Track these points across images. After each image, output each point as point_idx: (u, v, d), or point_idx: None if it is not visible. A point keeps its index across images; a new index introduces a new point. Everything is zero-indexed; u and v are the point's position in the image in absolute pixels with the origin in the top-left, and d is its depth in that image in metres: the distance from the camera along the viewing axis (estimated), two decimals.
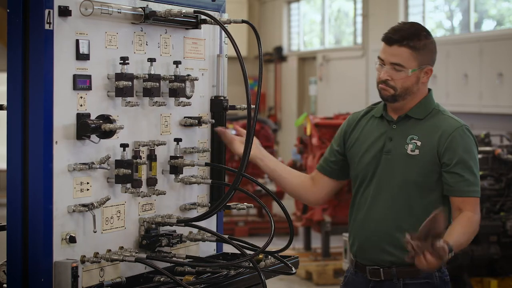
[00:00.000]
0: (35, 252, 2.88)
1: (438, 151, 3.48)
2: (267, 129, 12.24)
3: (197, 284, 3.17)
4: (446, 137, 3.48)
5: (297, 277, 9.07)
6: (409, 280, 3.50)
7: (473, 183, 3.46)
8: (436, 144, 3.48)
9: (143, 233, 3.27)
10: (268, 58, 17.22)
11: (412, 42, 3.47)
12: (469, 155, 3.48)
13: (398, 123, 3.57)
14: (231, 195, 3.25)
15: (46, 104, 2.88)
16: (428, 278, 3.51)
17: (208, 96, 3.62)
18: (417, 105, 3.56)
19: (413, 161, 3.50)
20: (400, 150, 3.52)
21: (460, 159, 3.45)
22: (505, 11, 11.81)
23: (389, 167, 3.54)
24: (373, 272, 3.56)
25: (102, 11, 2.99)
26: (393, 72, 3.48)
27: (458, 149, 3.46)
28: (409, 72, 3.48)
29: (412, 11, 12.80)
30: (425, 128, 3.53)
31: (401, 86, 3.50)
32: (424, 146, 3.49)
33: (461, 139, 3.48)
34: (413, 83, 3.51)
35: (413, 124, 3.55)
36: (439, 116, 3.56)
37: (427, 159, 3.48)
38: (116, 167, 3.10)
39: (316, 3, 16.75)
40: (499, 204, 7.34)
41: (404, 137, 3.53)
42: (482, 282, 7.43)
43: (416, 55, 3.48)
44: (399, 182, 3.51)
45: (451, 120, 3.54)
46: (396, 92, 3.50)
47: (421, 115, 3.55)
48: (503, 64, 10.13)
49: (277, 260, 3.47)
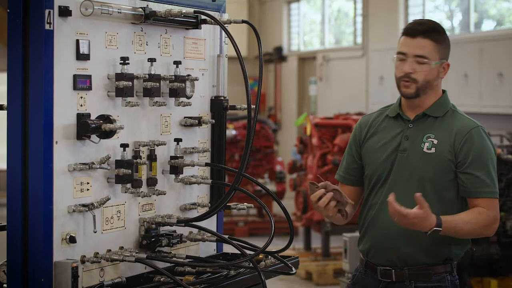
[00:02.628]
0: (35, 252, 2.88)
1: (454, 150, 3.46)
2: (267, 129, 12.24)
3: (197, 284, 3.17)
4: (462, 136, 3.47)
5: (297, 277, 9.07)
6: (421, 283, 3.48)
7: (488, 184, 3.43)
8: (452, 142, 3.47)
9: (143, 233, 3.28)
10: (268, 58, 17.22)
11: (435, 35, 3.51)
12: (485, 155, 3.46)
13: (415, 122, 3.56)
14: (231, 195, 3.25)
15: (46, 104, 2.88)
16: (440, 281, 3.49)
17: (208, 96, 3.62)
18: (434, 104, 3.56)
19: (429, 159, 3.48)
20: (416, 149, 3.51)
21: (474, 159, 3.44)
22: (505, 11, 11.81)
23: (405, 165, 3.52)
24: (384, 273, 3.54)
25: (102, 11, 2.99)
26: (416, 65, 3.49)
27: (473, 148, 3.45)
28: (433, 64, 3.49)
29: (412, 11, 12.80)
30: (442, 127, 3.52)
31: (424, 79, 3.50)
32: (441, 144, 3.48)
33: (477, 139, 3.47)
34: (434, 77, 3.52)
35: (430, 123, 3.54)
36: (456, 116, 3.56)
37: (444, 157, 3.47)
38: (116, 167, 3.11)
39: (316, 3, 16.75)
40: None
41: (421, 135, 3.52)
42: (482, 282, 7.43)
43: (439, 48, 3.51)
44: (415, 180, 3.49)
45: (468, 120, 3.54)
46: (417, 85, 3.49)
47: (439, 113, 3.55)
48: (503, 64, 10.13)
49: (277, 260, 3.47)
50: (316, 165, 9.58)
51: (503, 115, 10.12)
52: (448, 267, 3.51)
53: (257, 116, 3.25)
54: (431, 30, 3.50)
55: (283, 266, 3.46)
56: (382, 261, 3.56)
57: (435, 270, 3.49)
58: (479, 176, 3.43)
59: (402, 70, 3.50)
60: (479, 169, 3.44)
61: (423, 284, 3.48)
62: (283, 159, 12.92)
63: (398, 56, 3.52)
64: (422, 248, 3.48)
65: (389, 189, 3.52)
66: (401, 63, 3.51)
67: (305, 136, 10.22)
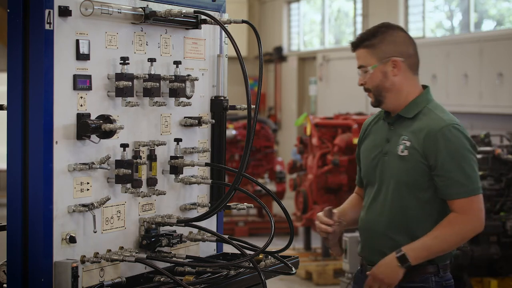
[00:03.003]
0: (35, 252, 2.88)
1: (424, 153, 3.45)
2: (267, 129, 12.24)
3: (197, 284, 3.17)
4: (430, 139, 3.44)
5: (297, 277, 9.07)
6: (404, 283, 3.49)
7: (463, 183, 3.41)
8: (421, 145, 3.46)
9: (143, 233, 3.27)
10: (268, 58, 17.21)
11: (367, 41, 3.55)
12: (456, 154, 3.42)
13: (393, 124, 3.58)
14: (231, 195, 3.25)
15: (46, 104, 2.88)
16: (424, 282, 3.49)
17: (208, 96, 3.62)
18: (408, 104, 3.56)
19: (403, 162, 3.49)
20: (394, 151, 3.53)
21: (445, 160, 3.41)
22: (505, 11, 11.81)
23: (385, 168, 3.55)
24: None
25: (102, 11, 2.99)
26: (363, 75, 3.57)
27: (442, 150, 3.42)
28: (370, 69, 3.54)
29: (412, 11, 12.80)
30: (414, 127, 3.51)
31: (372, 86, 3.56)
32: (413, 146, 3.48)
33: (446, 140, 3.43)
34: (380, 79, 3.54)
35: (405, 124, 3.55)
36: (428, 115, 3.53)
37: (416, 159, 3.46)
38: (116, 167, 3.10)
39: (316, 3, 16.75)
40: (499, 204, 7.34)
41: (398, 137, 3.54)
42: (482, 282, 7.42)
43: (373, 52, 3.54)
44: (393, 183, 3.51)
45: (438, 120, 3.49)
46: (374, 93, 3.56)
47: (410, 114, 3.54)
48: (503, 64, 10.12)
49: (277, 260, 3.47)
50: (316, 165, 9.58)
51: (503, 115, 10.11)
52: (434, 268, 3.50)
53: (257, 116, 3.25)
54: (362, 39, 3.57)
55: (283, 266, 3.46)
56: (370, 261, 3.60)
57: (419, 271, 3.49)
58: (452, 177, 3.41)
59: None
60: (451, 170, 3.41)
61: (406, 284, 3.49)
62: (283, 159, 12.92)
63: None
64: None
65: (375, 192, 3.58)
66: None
67: (305, 136, 10.22)
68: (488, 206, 7.30)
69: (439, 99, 3.71)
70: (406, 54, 3.55)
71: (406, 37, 3.58)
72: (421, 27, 12.60)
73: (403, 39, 3.57)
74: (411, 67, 3.57)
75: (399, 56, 3.54)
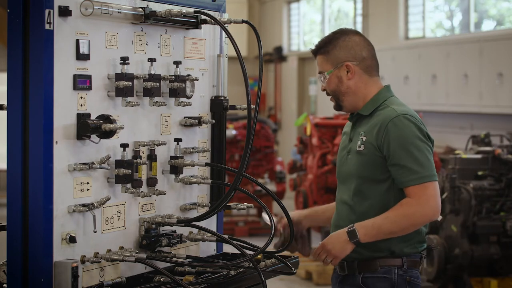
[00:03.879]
0: (35, 252, 2.88)
1: (378, 145, 3.53)
2: (267, 129, 12.24)
3: (197, 284, 3.17)
4: (382, 130, 3.51)
5: (297, 277, 9.06)
6: (368, 273, 3.56)
7: (415, 170, 3.46)
8: (375, 137, 3.53)
9: (143, 233, 3.28)
10: (268, 58, 17.21)
11: (322, 49, 3.65)
12: (406, 142, 3.48)
13: (355, 123, 3.68)
14: (231, 195, 3.25)
15: (46, 104, 2.88)
16: (386, 273, 3.55)
17: (208, 96, 3.62)
18: (367, 103, 3.64)
19: (360, 157, 3.57)
20: (354, 149, 3.62)
21: (396, 149, 3.48)
22: (505, 11, 11.81)
23: (348, 166, 3.64)
24: (340, 266, 3.64)
25: (102, 11, 2.99)
26: (323, 81, 3.66)
27: (392, 139, 3.49)
28: (326, 74, 3.62)
29: (412, 11, 12.80)
30: (370, 123, 3.60)
31: (330, 90, 3.65)
32: (368, 141, 3.56)
33: (396, 129, 3.49)
34: (336, 84, 3.63)
35: (364, 122, 3.63)
36: (384, 109, 3.60)
37: (371, 153, 3.54)
38: (116, 167, 3.11)
39: (316, 3, 16.75)
40: (499, 204, 7.34)
41: (358, 135, 3.63)
42: (482, 282, 7.43)
43: (328, 58, 3.63)
44: (353, 179, 3.59)
45: (391, 112, 3.55)
46: (334, 98, 3.66)
47: (367, 111, 3.62)
48: (503, 64, 10.12)
49: (277, 260, 3.48)
50: (316, 165, 9.58)
51: (503, 115, 10.11)
52: (397, 261, 3.55)
53: (257, 116, 3.25)
54: (318, 48, 3.66)
55: (283, 266, 3.46)
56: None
57: (382, 262, 3.55)
58: (404, 165, 3.47)
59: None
60: (402, 158, 3.47)
61: (369, 275, 3.56)
62: (283, 159, 12.92)
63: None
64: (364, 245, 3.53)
65: (339, 190, 3.70)
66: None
67: (305, 136, 10.22)
68: (488, 206, 7.31)
69: (439, 99, 3.72)
70: (360, 57, 3.63)
71: (360, 41, 3.65)
72: (421, 27, 12.60)
73: (356, 43, 3.64)
74: (366, 70, 3.64)
75: (353, 60, 3.62)
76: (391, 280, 3.55)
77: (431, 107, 11.17)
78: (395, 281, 3.55)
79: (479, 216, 7.24)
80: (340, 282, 3.65)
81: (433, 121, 10.60)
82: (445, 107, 10.92)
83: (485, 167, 7.54)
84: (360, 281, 3.56)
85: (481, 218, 7.24)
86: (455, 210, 7.30)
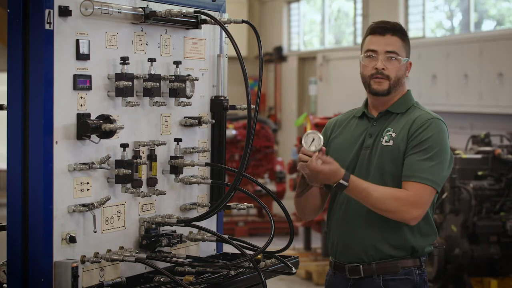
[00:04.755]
0: (35, 252, 2.88)
1: (408, 137, 3.50)
2: (267, 129, 12.24)
3: (197, 284, 3.17)
4: (419, 124, 3.50)
5: (297, 277, 9.07)
6: (389, 276, 3.50)
7: (427, 170, 3.43)
8: (407, 132, 3.51)
9: (143, 233, 3.28)
10: (268, 58, 17.21)
11: (401, 33, 3.59)
12: (437, 145, 3.46)
13: (378, 119, 3.62)
14: (231, 195, 3.25)
15: (46, 104, 2.88)
16: (408, 274, 3.51)
17: (208, 96, 3.62)
18: (398, 101, 3.61)
19: (387, 152, 3.51)
20: (377, 144, 3.56)
21: (424, 144, 3.45)
22: (505, 11, 11.81)
23: (367, 161, 3.56)
24: (352, 270, 3.55)
25: (102, 11, 2.99)
26: (388, 61, 3.55)
27: (427, 135, 3.47)
28: (403, 60, 3.56)
29: (412, 11, 12.80)
30: (402, 120, 3.57)
31: (395, 75, 3.56)
32: (398, 136, 3.52)
33: (434, 128, 3.49)
34: (403, 73, 3.59)
35: (391, 119, 3.60)
36: (416, 111, 3.60)
37: (400, 148, 3.50)
38: (116, 167, 3.11)
39: (316, 3, 16.75)
40: (499, 204, 7.34)
41: (382, 131, 3.58)
42: (482, 282, 7.43)
43: (405, 46, 3.59)
44: (376, 174, 3.51)
45: (426, 113, 3.57)
46: (390, 81, 3.55)
47: (402, 109, 3.60)
48: (503, 64, 10.12)
49: (277, 260, 3.47)
50: None
51: (503, 115, 10.11)
52: (417, 261, 3.53)
53: (257, 116, 3.25)
54: (397, 29, 3.59)
55: (283, 266, 3.46)
56: (350, 258, 3.57)
57: (403, 264, 3.51)
58: (421, 160, 3.44)
59: (373, 67, 3.55)
60: (424, 154, 3.44)
61: (391, 277, 3.50)
62: (283, 159, 12.91)
63: (367, 53, 3.57)
64: (388, 242, 3.50)
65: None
66: (370, 61, 3.56)
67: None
68: (488, 206, 7.31)
69: (439, 99, 3.73)
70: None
71: None
72: (421, 27, 12.59)
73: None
74: None
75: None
76: (413, 282, 3.51)
77: (431, 107, 11.07)
78: (417, 282, 3.52)
79: (479, 216, 7.25)
80: (352, 287, 3.56)
81: None
82: (445, 107, 10.91)
83: (485, 167, 7.54)
84: (382, 284, 3.49)
85: (481, 218, 7.25)
86: (455, 210, 7.31)
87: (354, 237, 3.55)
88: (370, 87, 3.58)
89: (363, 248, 3.53)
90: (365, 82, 3.59)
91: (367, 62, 3.56)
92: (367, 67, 3.56)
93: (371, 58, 3.55)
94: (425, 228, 3.53)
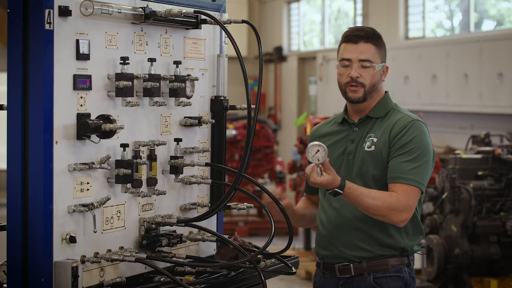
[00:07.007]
0: (35, 252, 2.88)
1: (389, 140, 3.53)
2: (267, 129, 12.25)
3: (197, 284, 3.17)
4: (400, 127, 3.54)
5: (297, 277, 9.07)
6: (379, 274, 3.54)
7: (412, 171, 3.46)
8: (388, 136, 3.54)
9: (143, 233, 3.28)
10: (268, 58, 17.21)
11: (375, 39, 3.61)
12: (419, 146, 3.50)
13: (359, 125, 3.65)
14: (231, 195, 3.25)
15: (46, 104, 2.88)
16: (398, 272, 3.56)
17: (208, 96, 3.62)
18: (376, 105, 3.65)
19: (369, 157, 3.55)
20: (359, 149, 3.59)
21: (406, 146, 3.49)
22: (505, 11, 11.81)
23: (350, 167, 3.59)
24: (342, 269, 3.58)
25: (102, 11, 2.99)
26: (362, 69, 3.58)
27: (408, 137, 3.50)
28: (376, 67, 3.58)
29: (412, 11, 12.79)
30: (382, 125, 3.60)
31: (370, 82, 3.59)
32: (379, 141, 3.55)
33: (415, 130, 3.52)
34: (378, 79, 3.62)
35: (372, 124, 3.63)
36: (396, 114, 3.62)
37: (382, 152, 3.53)
38: (116, 167, 3.11)
39: (316, 3, 16.75)
40: (499, 204, 7.35)
41: (364, 136, 3.61)
42: (482, 282, 7.43)
43: (379, 52, 3.62)
44: (359, 179, 3.55)
45: (405, 116, 3.60)
46: (365, 89, 3.59)
47: (381, 113, 3.63)
48: (503, 64, 10.12)
49: (277, 260, 3.47)
50: None
51: (503, 115, 10.11)
52: (405, 260, 3.57)
53: (257, 116, 3.25)
54: (370, 35, 3.61)
55: (283, 266, 3.46)
56: (340, 258, 3.60)
57: (393, 262, 3.55)
58: (405, 162, 3.48)
59: (348, 75, 3.59)
60: (408, 156, 3.48)
61: (381, 275, 3.54)
62: (283, 159, 12.92)
63: (342, 62, 3.61)
64: (377, 242, 3.54)
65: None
66: (345, 69, 3.61)
67: (305, 136, 10.22)
68: (488, 206, 7.31)
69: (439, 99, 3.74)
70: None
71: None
72: (421, 27, 12.59)
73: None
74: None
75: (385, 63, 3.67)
76: (404, 279, 3.56)
77: (431, 107, 11.17)
78: (407, 280, 3.57)
79: (479, 216, 7.25)
80: (343, 286, 3.59)
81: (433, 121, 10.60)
82: (445, 107, 10.92)
83: (485, 167, 7.54)
84: (372, 281, 3.53)
85: (481, 218, 7.25)
86: (455, 210, 7.31)
87: (343, 239, 3.58)
88: (346, 95, 3.64)
89: (354, 249, 3.56)
90: (342, 90, 3.65)
91: (342, 70, 3.62)
92: (342, 75, 3.62)
93: (346, 66, 3.60)
94: (413, 228, 3.59)
